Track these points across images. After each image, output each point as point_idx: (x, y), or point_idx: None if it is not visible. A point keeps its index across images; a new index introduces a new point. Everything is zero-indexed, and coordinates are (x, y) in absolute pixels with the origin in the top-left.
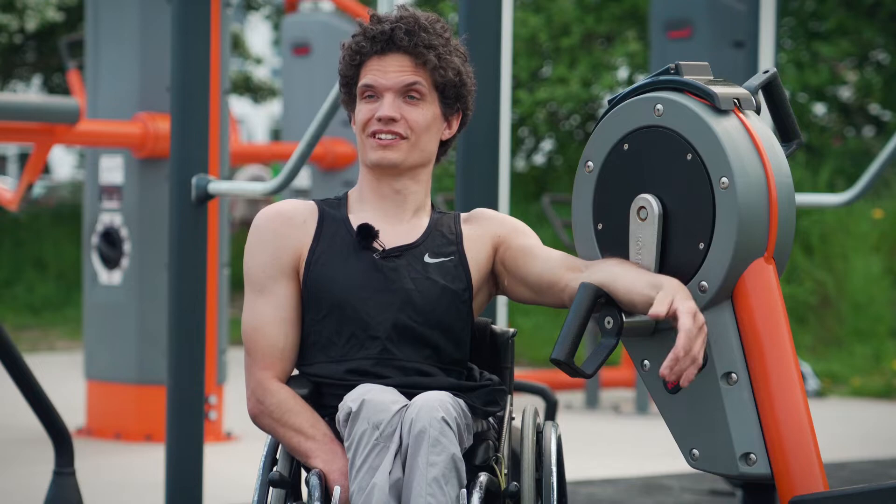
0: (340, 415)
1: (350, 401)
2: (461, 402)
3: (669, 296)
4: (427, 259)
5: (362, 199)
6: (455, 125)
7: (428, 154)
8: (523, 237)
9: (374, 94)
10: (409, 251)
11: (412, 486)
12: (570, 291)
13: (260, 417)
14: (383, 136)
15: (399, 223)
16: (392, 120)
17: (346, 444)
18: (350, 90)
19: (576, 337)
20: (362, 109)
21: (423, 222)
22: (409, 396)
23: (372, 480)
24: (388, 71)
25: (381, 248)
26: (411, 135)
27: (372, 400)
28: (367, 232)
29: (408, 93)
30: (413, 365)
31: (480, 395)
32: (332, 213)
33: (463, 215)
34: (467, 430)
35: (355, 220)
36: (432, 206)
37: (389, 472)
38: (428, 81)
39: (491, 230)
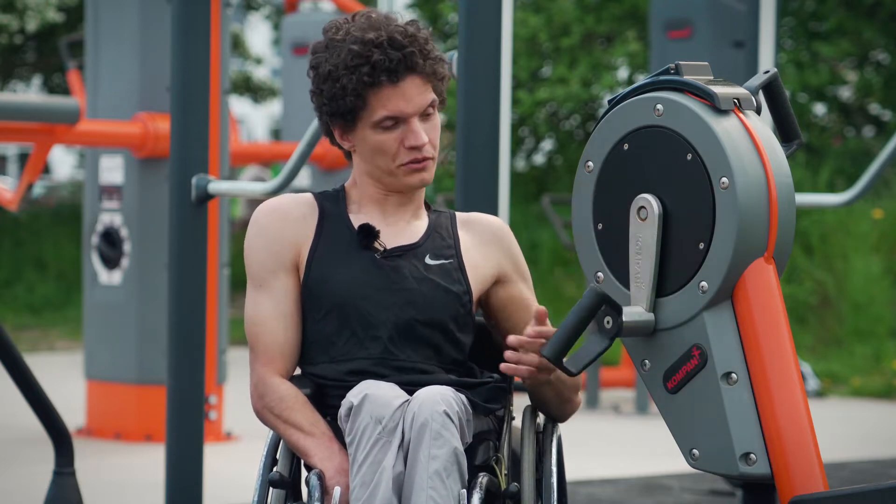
0: (342, 411)
1: (352, 396)
2: (463, 397)
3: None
4: (428, 260)
5: (362, 200)
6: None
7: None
8: (527, 288)
9: (396, 122)
10: (411, 251)
11: (413, 480)
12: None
13: (262, 412)
14: (419, 161)
15: (400, 223)
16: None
17: (347, 440)
18: (354, 117)
19: (570, 337)
20: (385, 139)
21: (422, 223)
22: (411, 394)
23: (377, 475)
24: (411, 97)
25: (382, 248)
26: (433, 152)
27: (374, 395)
28: (369, 231)
29: (426, 111)
30: (414, 365)
31: (482, 391)
32: (331, 210)
33: (460, 217)
34: (468, 426)
35: (356, 220)
36: (427, 204)
37: (393, 467)
38: (437, 92)
39: (499, 258)
